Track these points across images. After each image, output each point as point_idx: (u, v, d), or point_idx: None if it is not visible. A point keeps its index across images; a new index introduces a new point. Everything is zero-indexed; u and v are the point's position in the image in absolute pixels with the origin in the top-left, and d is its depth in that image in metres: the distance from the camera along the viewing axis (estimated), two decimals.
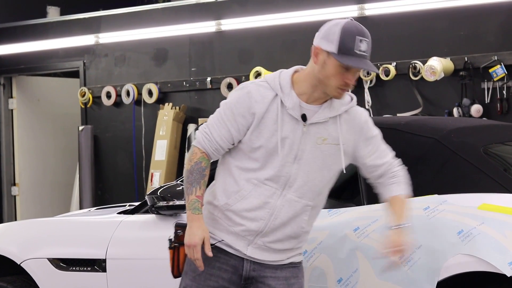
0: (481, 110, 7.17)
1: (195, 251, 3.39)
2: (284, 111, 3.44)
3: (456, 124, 4.35)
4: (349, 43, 3.33)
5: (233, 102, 3.48)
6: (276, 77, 3.50)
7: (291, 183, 3.46)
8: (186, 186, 3.48)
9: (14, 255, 4.80)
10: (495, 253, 3.49)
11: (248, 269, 3.52)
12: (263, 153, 3.44)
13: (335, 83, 3.38)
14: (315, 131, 3.45)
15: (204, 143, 3.49)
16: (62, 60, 9.61)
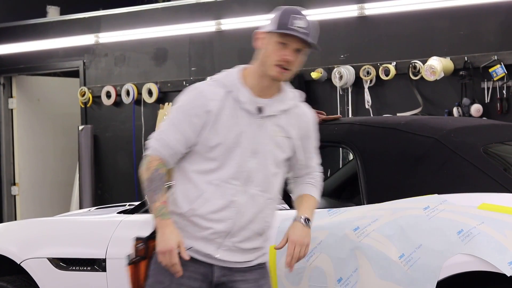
0: (481, 110, 7.17)
1: (171, 257, 3.35)
2: (238, 106, 3.46)
3: (456, 124, 4.35)
4: (285, 19, 3.46)
5: (186, 104, 3.47)
6: (226, 75, 3.54)
7: (252, 178, 3.47)
8: (149, 195, 3.43)
9: (14, 255, 4.80)
10: (495, 252, 3.49)
11: (219, 275, 3.49)
12: (222, 150, 3.44)
13: (274, 60, 3.43)
14: (269, 124, 3.49)
15: (160, 150, 3.45)
16: (62, 59, 9.61)
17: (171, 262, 3.36)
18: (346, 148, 4.33)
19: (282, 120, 3.52)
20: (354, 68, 7.73)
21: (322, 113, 4.53)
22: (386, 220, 3.80)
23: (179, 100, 3.51)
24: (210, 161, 3.45)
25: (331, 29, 7.92)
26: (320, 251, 3.91)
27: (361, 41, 7.81)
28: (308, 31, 3.50)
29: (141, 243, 3.51)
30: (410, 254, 3.66)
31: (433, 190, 3.87)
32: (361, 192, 4.08)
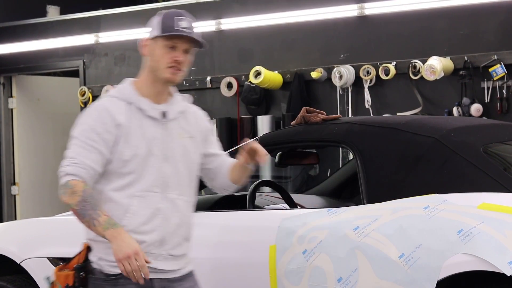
0: (481, 110, 7.17)
1: (139, 258, 3.29)
2: (142, 115, 3.50)
3: (456, 124, 4.35)
4: (169, 23, 3.49)
5: (93, 123, 3.44)
6: (121, 89, 3.56)
7: (169, 183, 3.51)
8: (88, 214, 3.33)
9: (14, 255, 4.80)
10: (495, 252, 3.49)
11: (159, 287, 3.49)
12: (138, 161, 3.45)
13: (165, 62, 3.48)
14: (174, 128, 3.55)
15: (79, 173, 3.39)
16: (62, 59, 9.61)
17: (141, 264, 3.30)
18: (346, 148, 4.33)
19: (182, 122, 3.59)
20: (354, 68, 7.73)
21: (322, 113, 4.53)
22: (386, 219, 3.80)
23: (83, 121, 3.48)
24: (127, 175, 3.45)
25: (331, 29, 7.93)
26: (320, 250, 3.91)
27: (361, 41, 7.81)
28: (192, 31, 3.53)
29: (81, 271, 3.47)
30: (410, 254, 3.66)
31: (433, 190, 3.87)
32: (361, 192, 4.08)
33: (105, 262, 3.46)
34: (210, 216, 4.47)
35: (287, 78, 8.09)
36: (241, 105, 8.34)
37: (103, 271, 3.46)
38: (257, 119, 8.19)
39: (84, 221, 3.36)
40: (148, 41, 3.54)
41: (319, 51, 8.02)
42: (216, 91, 8.50)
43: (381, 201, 3.95)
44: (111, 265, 3.43)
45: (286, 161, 5.08)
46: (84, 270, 3.48)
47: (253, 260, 4.12)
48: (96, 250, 3.49)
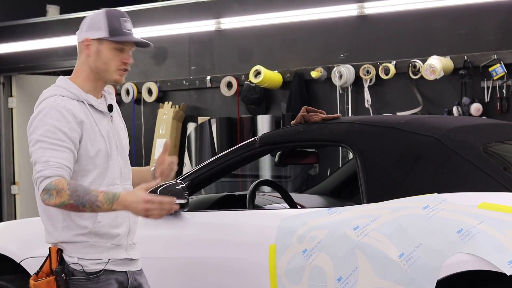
0: (480, 109, 7.17)
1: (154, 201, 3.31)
2: (94, 111, 3.55)
3: (455, 123, 4.35)
4: (116, 25, 3.53)
5: (57, 123, 3.43)
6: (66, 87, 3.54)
7: (123, 174, 3.62)
8: (86, 200, 3.32)
9: (14, 254, 4.80)
10: (494, 252, 3.49)
11: (132, 280, 3.63)
12: (102, 156, 3.51)
13: (115, 66, 3.56)
14: (116, 120, 3.66)
15: (58, 172, 3.37)
16: (62, 59, 9.61)
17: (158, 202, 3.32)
18: (345, 147, 4.33)
19: (115, 114, 3.68)
20: (354, 67, 7.73)
21: (322, 112, 4.53)
22: (386, 219, 3.80)
23: (45, 122, 3.44)
24: (92, 171, 3.50)
25: (331, 28, 7.93)
26: (320, 250, 3.91)
27: (361, 40, 7.82)
28: (132, 32, 3.62)
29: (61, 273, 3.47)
30: (410, 253, 3.66)
31: (433, 189, 3.87)
32: (361, 191, 4.08)
33: (84, 261, 3.50)
34: (210, 216, 4.47)
35: (287, 77, 8.09)
36: (241, 104, 8.34)
37: (84, 271, 3.49)
38: (257, 119, 8.19)
39: (86, 209, 3.35)
40: (91, 41, 3.54)
41: (319, 50, 8.02)
42: (216, 90, 8.50)
43: (381, 200, 3.95)
44: (92, 263, 3.49)
45: (286, 161, 5.08)
46: (64, 272, 3.49)
47: (253, 260, 4.12)
48: (71, 251, 3.51)
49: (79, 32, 3.58)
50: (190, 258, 4.31)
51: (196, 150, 8.35)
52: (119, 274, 3.58)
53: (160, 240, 4.41)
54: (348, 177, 5.54)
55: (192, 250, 4.33)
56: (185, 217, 4.42)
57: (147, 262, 4.34)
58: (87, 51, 3.54)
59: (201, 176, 4.55)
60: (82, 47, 3.56)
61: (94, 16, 3.56)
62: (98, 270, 3.50)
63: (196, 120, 8.55)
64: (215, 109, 8.54)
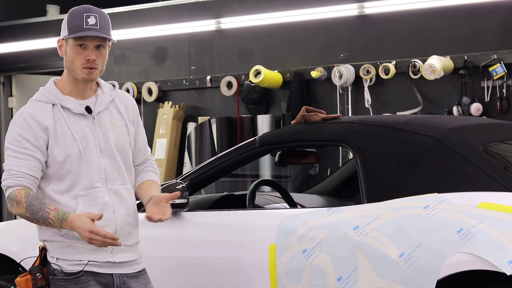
0: (480, 109, 7.17)
1: (97, 232, 3.34)
2: (70, 114, 3.52)
3: (455, 123, 4.35)
4: (76, 21, 3.50)
5: (22, 131, 3.44)
6: (43, 91, 3.58)
7: (109, 176, 3.54)
8: (39, 216, 3.38)
9: (14, 254, 4.80)
10: (494, 251, 3.49)
11: (118, 283, 3.56)
12: (73, 160, 3.48)
13: (79, 64, 3.55)
14: (104, 119, 3.57)
15: (20, 182, 3.40)
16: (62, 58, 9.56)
17: (101, 235, 3.34)
18: (346, 147, 4.33)
19: (113, 111, 3.62)
20: (354, 67, 7.73)
21: (322, 112, 4.53)
22: (386, 219, 3.80)
23: (12, 130, 3.47)
24: (65, 176, 3.49)
25: (331, 28, 7.93)
26: (320, 250, 3.91)
27: (361, 40, 7.82)
28: (98, 26, 3.53)
29: (37, 272, 3.50)
30: (410, 253, 3.66)
31: (433, 189, 3.87)
32: (361, 191, 4.08)
33: (63, 261, 3.50)
34: (210, 216, 4.47)
35: (287, 77, 8.09)
36: (241, 104, 8.34)
37: (63, 271, 3.49)
38: (257, 119, 8.19)
39: (40, 223, 3.42)
40: (61, 42, 3.59)
41: (319, 50, 8.02)
42: (216, 90, 8.50)
43: (381, 200, 3.94)
44: (70, 264, 3.49)
45: (286, 160, 5.08)
46: (41, 272, 3.50)
47: (253, 260, 4.12)
48: (51, 251, 3.54)
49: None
50: (190, 258, 4.31)
51: (196, 150, 8.35)
52: (103, 276, 3.52)
53: (160, 240, 4.41)
54: (348, 177, 5.54)
55: (192, 250, 4.33)
56: (185, 217, 4.42)
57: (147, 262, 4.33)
58: (60, 52, 3.62)
59: (201, 176, 4.55)
60: (58, 48, 3.63)
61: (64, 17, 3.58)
62: (77, 271, 3.48)
63: (196, 120, 8.55)
64: (215, 109, 8.54)
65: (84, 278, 3.48)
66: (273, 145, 4.53)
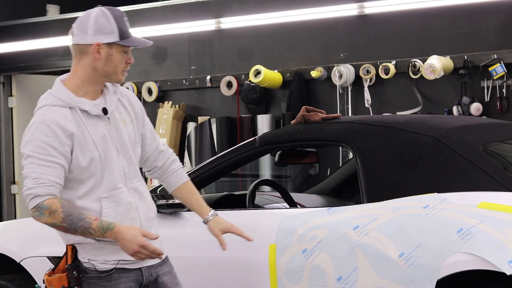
0: (480, 109, 7.17)
1: (147, 248, 3.41)
2: (87, 116, 3.50)
3: (455, 123, 4.35)
4: (124, 27, 3.56)
5: (47, 138, 3.39)
6: (56, 95, 3.51)
7: (128, 174, 3.57)
8: (79, 226, 3.37)
9: (14, 253, 4.80)
10: (494, 251, 3.49)
11: (147, 275, 3.62)
12: (97, 164, 3.48)
13: (121, 68, 3.56)
14: (116, 118, 3.58)
15: (50, 191, 3.37)
16: (62, 58, 9.61)
17: (150, 251, 3.42)
18: (345, 147, 4.33)
19: (121, 109, 3.63)
20: (354, 67, 7.73)
21: (322, 112, 4.53)
22: (386, 219, 3.80)
23: (34, 138, 3.41)
24: (87, 180, 3.48)
25: (331, 28, 7.93)
26: (320, 249, 3.91)
27: (361, 40, 7.82)
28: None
29: (73, 270, 3.52)
30: (410, 253, 3.66)
31: (433, 189, 3.87)
32: (361, 191, 4.08)
33: (95, 261, 3.52)
34: None
35: (287, 77, 8.09)
36: (241, 104, 8.34)
37: (96, 269, 3.52)
38: (257, 118, 8.19)
39: (77, 233, 3.41)
40: (101, 45, 3.50)
41: (319, 50, 8.02)
42: (216, 90, 8.50)
43: (381, 200, 3.95)
44: (102, 262, 3.52)
45: (286, 160, 5.08)
46: (76, 270, 3.52)
47: (253, 259, 4.12)
48: (82, 252, 3.55)
49: (82, 34, 3.51)
50: (190, 258, 4.31)
51: (196, 149, 8.35)
52: (133, 271, 3.57)
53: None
54: (348, 177, 5.54)
55: (192, 250, 4.33)
56: (185, 216, 4.42)
57: None
58: (96, 56, 3.49)
59: (201, 176, 4.55)
60: (88, 50, 3.50)
61: (98, 17, 3.51)
62: (109, 269, 3.52)
63: (196, 120, 8.55)
64: (215, 109, 8.54)
65: (115, 275, 3.52)
66: (273, 144, 4.53)
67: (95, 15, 3.52)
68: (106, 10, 3.52)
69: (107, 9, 3.53)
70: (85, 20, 3.53)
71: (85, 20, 3.53)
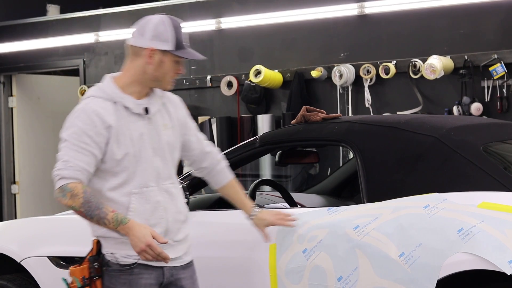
0: (481, 109, 7.17)
1: (153, 249, 3.47)
2: (129, 113, 3.61)
3: (456, 123, 4.35)
4: (181, 38, 3.63)
5: (85, 126, 3.52)
6: (103, 88, 3.63)
7: (161, 174, 3.66)
8: (95, 214, 3.46)
9: (14, 253, 4.81)
10: (495, 251, 3.49)
11: (168, 275, 3.68)
12: (130, 159, 3.57)
13: (171, 76, 3.66)
14: (157, 120, 3.69)
15: (76, 175, 3.47)
16: (62, 58, 9.61)
17: (156, 253, 3.47)
18: (346, 147, 4.33)
19: (164, 113, 3.73)
20: (354, 67, 7.73)
21: (322, 112, 4.53)
22: (386, 218, 3.80)
23: (73, 124, 3.56)
24: (120, 173, 3.58)
25: (331, 28, 7.93)
26: (320, 249, 3.91)
27: (361, 40, 7.81)
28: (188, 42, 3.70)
29: (94, 262, 3.60)
30: (410, 253, 3.66)
31: (433, 189, 3.87)
32: (361, 191, 4.08)
33: (117, 255, 3.60)
34: (210, 215, 4.47)
35: (287, 77, 8.09)
36: (241, 104, 8.34)
37: (118, 262, 3.60)
38: (257, 118, 8.19)
39: (92, 221, 3.50)
40: (155, 51, 3.59)
41: (319, 50, 8.02)
42: (216, 90, 8.50)
43: (381, 200, 3.95)
44: (124, 256, 3.59)
45: (286, 160, 5.09)
46: (98, 261, 3.60)
47: (253, 259, 4.12)
48: (105, 246, 3.63)
49: (139, 37, 3.61)
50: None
51: None
52: (155, 269, 3.63)
53: None
54: (348, 177, 5.54)
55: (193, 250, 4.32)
56: None
57: None
58: (148, 60, 3.59)
59: None
60: (142, 53, 3.60)
61: (158, 23, 3.60)
62: (131, 263, 3.59)
63: (197, 120, 8.54)
64: (215, 109, 8.54)
65: (137, 270, 3.58)
66: (273, 144, 4.53)
67: (156, 22, 3.61)
68: (167, 18, 3.62)
69: (168, 18, 3.63)
70: (145, 25, 3.62)
71: (145, 24, 3.63)
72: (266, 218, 3.93)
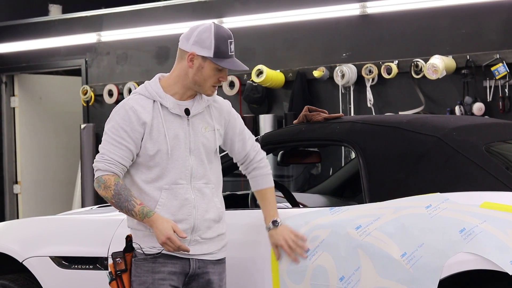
0: (483, 108, 7.17)
1: (173, 242, 3.66)
2: (167, 113, 3.78)
3: (458, 123, 4.35)
4: (223, 47, 3.79)
5: (122, 121, 3.74)
6: (147, 87, 3.83)
7: (195, 174, 3.81)
8: (124, 206, 3.71)
9: (16, 253, 4.81)
10: (497, 251, 3.49)
11: (194, 267, 3.83)
12: (162, 156, 3.76)
13: (211, 82, 3.80)
14: (197, 122, 3.84)
15: (111, 168, 3.72)
16: (64, 58, 9.62)
17: (176, 246, 3.67)
18: (348, 147, 4.33)
19: (206, 115, 3.88)
20: (356, 67, 7.73)
21: (324, 112, 4.53)
22: (388, 218, 3.80)
23: (113, 119, 3.77)
24: (153, 168, 3.77)
25: (333, 28, 7.93)
26: (322, 249, 3.91)
27: (363, 40, 7.81)
28: (234, 52, 3.83)
29: (119, 257, 3.80)
30: (412, 253, 3.66)
31: (435, 189, 3.87)
32: (363, 191, 4.08)
33: (144, 246, 3.79)
34: None
35: (289, 77, 8.09)
36: (243, 104, 8.34)
37: (144, 252, 3.78)
38: (259, 118, 8.19)
39: (122, 211, 3.74)
40: (196, 56, 3.74)
41: (321, 50, 8.02)
42: (218, 89, 8.49)
43: (383, 200, 3.94)
44: (150, 247, 3.77)
45: (288, 160, 5.09)
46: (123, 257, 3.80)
47: (255, 259, 4.12)
48: (135, 238, 3.83)
49: (185, 41, 3.77)
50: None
51: None
52: (180, 260, 3.79)
53: None
54: (350, 177, 5.54)
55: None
56: None
57: None
58: (189, 63, 3.76)
59: None
60: (185, 57, 3.76)
61: (203, 30, 3.76)
62: (155, 253, 3.76)
63: None
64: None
65: (161, 259, 3.76)
66: (275, 144, 4.53)
67: (202, 28, 3.78)
68: (213, 27, 3.80)
69: (215, 26, 3.82)
70: (193, 30, 3.79)
71: (193, 30, 3.79)
72: (273, 236, 3.98)
